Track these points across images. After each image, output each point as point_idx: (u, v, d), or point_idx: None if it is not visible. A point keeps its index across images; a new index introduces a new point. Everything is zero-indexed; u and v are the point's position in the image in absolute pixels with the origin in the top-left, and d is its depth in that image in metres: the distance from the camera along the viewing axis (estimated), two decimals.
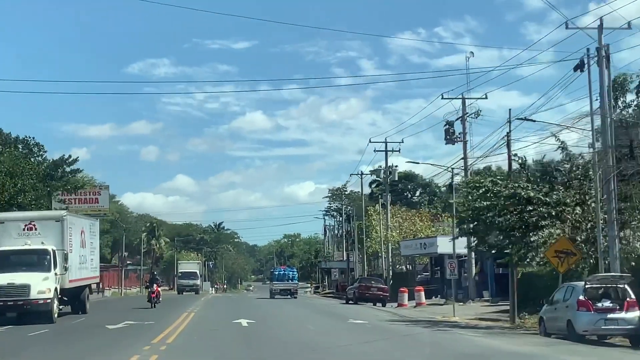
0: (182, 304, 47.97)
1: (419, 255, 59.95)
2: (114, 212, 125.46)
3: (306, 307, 48.64)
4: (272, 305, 49.77)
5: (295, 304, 54.42)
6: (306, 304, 54.80)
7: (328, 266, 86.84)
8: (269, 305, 50.95)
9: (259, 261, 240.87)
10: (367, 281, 56.03)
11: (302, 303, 56.10)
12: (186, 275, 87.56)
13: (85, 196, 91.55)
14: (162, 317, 34.54)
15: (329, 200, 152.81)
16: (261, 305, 50.83)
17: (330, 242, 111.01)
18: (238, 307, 46.51)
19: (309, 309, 45.00)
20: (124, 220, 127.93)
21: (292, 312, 41.09)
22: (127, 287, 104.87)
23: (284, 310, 42.47)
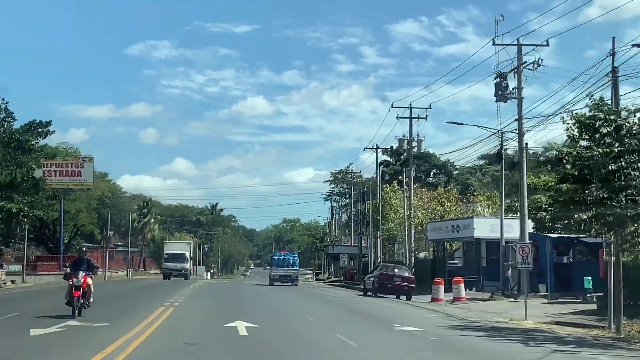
0: (162, 294, 37.41)
1: (450, 239, 49.31)
2: (105, 191, 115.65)
3: (320, 300, 38.09)
4: (275, 296, 39.32)
5: (303, 294, 43.98)
6: (317, 295, 44.23)
7: (336, 251, 76.23)
8: (272, 295, 40.53)
9: (256, 246, 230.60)
10: (389, 269, 45.49)
11: (311, 294, 45.56)
12: (173, 257, 73.85)
13: (67, 168, 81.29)
14: (123, 313, 24.05)
15: (331, 184, 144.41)
16: (262, 295, 40.43)
17: (336, 226, 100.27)
18: (233, 298, 36.03)
19: (326, 304, 34.39)
20: (117, 200, 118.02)
21: (305, 307, 30.49)
22: (114, 270, 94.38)
23: (295, 306, 31.85)
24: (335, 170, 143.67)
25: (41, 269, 76.74)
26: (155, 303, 28.90)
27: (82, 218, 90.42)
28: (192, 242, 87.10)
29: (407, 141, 54.83)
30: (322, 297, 40.73)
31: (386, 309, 30.75)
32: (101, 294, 39.63)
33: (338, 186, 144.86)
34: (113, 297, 35.68)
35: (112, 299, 33.41)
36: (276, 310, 28.01)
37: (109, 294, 38.70)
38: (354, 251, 73.80)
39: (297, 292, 47.38)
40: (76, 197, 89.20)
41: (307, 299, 37.84)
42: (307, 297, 40.69)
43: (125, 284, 56.79)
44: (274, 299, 36.31)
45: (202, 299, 34.22)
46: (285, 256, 68.97)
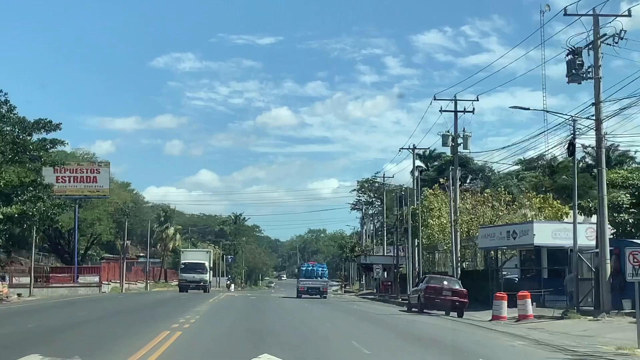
0: (173, 311, 30.91)
1: (505, 247, 42.39)
2: (127, 200, 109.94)
3: (362, 319, 31.15)
4: (308, 314, 32.74)
5: (339, 310, 37.36)
6: (356, 312, 37.43)
7: (369, 261, 69.35)
8: (304, 312, 33.97)
9: (281, 256, 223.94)
10: (438, 281, 38.75)
11: (348, 310, 38.85)
12: (191, 267, 64.12)
13: (82, 174, 75.39)
14: (111, 340, 17.55)
15: (358, 192, 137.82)
16: (292, 312, 33.90)
17: (365, 235, 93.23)
18: (258, 317, 29.38)
19: (373, 325, 27.48)
20: (139, 210, 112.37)
21: (349, 330, 23.81)
22: (132, 282, 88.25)
23: (335, 327, 25.05)
24: (362, 179, 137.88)
25: (54, 280, 71.11)
26: (160, 325, 22.47)
27: (99, 227, 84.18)
28: (212, 251, 79.23)
29: (451, 137, 48.06)
30: (363, 315, 33.94)
31: (450, 333, 23.94)
32: (100, 310, 33.28)
33: (365, 195, 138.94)
34: (112, 314, 29.35)
35: (108, 318, 27.05)
36: (314, 336, 21.36)
37: (110, 310, 32.35)
38: (389, 261, 66.99)
39: (331, 307, 40.76)
40: (93, 205, 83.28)
41: (347, 318, 31.16)
42: (345, 314, 33.98)
43: (137, 297, 50.48)
44: (307, 318, 29.70)
45: (219, 319, 27.59)
46: (314, 267, 63.43)
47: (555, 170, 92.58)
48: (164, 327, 21.28)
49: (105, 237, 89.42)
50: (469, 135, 48.25)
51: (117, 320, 26.55)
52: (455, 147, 48.27)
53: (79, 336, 19.24)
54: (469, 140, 48.38)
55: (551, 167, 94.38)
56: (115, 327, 22.55)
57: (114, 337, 18.95)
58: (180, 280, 65.56)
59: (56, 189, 73.10)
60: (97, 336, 19.33)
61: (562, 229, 39.64)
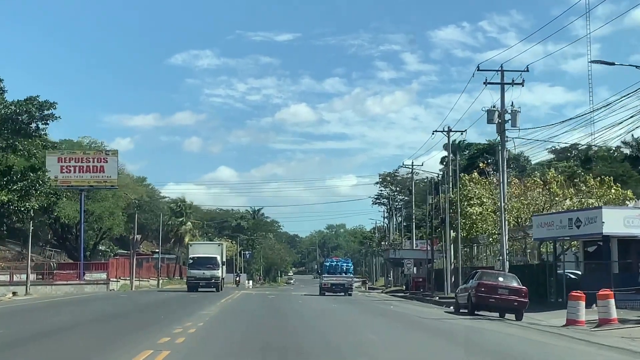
0: (173, 315, 24.53)
1: (567, 237, 35.52)
2: (143, 195, 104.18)
3: (409, 326, 24.28)
4: (339, 318, 26.28)
5: (375, 313, 30.78)
6: (396, 315, 30.75)
7: (398, 256, 62.38)
8: (333, 315, 27.54)
9: (300, 253, 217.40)
10: (492, 277, 32.16)
11: (386, 313, 32.25)
12: (200, 262, 54.70)
13: (88, 163, 69.06)
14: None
15: (379, 187, 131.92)
16: (319, 315, 27.48)
17: (392, 229, 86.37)
18: (279, 324, 22.85)
19: (428, 335, 20.79)
20: (155, 206, 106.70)
21: (398, 341, 17.30)
22: (144, 279, 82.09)
23: (381, 338, 18.41)
24: (384, 172, 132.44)
25: (58, 277, 65.28)
26: (149, 336, 16.16)
27: (109, 220, 77.83)
28: (225, 244, 70.23)
29: (497, 112, 41.34)
30: (406, 320, 27.22)
31: (540, 348, 17.35)
32: (87, 313, 26.93)
33: (387, 188, 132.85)
34: (96, 320, 23.26)
35: (88, 325, 21.04)
36: (355, 352, 14.80)
37: (98, 314, 26.09)
38: (420, 256, 60.28)
39: (363, 308, 34.27)
40: (103, 197, 77.14)
41: (390, 324, 24.57)
42: (385, 319, 27.38)
43: (141, 296, 44.15)
44: (340, 325, 23.20)
45: (227, 328, 21.08)
46: (338, 262, 57.84)
47: (590, 158, 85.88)
48: (152, 342, 14.93)
49: (117, 231, 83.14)
50: (517, 110, 41.46)
51: (97, 329, 20.22)
52: (502, 124, 41.53)
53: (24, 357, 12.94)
54: (518, 117, 41.51)
55: (586, 156, 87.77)
56: (88, 340, 16.33)
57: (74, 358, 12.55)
58: (188, 277, 56.35)
59: (61, 180, 67.81)
60: (50, 357, 13.00)
61: (636, 216, 33.03)
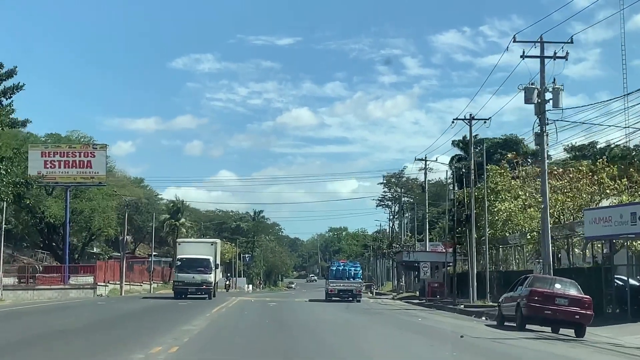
0: (148, 332, 18.03)
1: (632, 235, 28.84)
2: (141, 196, 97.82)
3: (459, 348, 17.72)
4: (361, 337, 19.75)
5: (403, 329, 24.18)
6: (428, 331, 24.03)
7: (413, 259, 55.28)
8: (352, 332, 21.04)
9: (301, 256, 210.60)
10: (546, 284, 25.70)
11: (412, 326, 25.66)
12: (189, 264, 45.24)
13: (74, 158, 62.68)
14: None
15: (383, 188, 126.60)
16: (334, 331, 20.94)
17: (403, 230, 79.45)
18: (282, 345, 16.22)
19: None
20: (153, 208, 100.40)
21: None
22: (136, 283, 75.51)
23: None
24: (388, 174, 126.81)
25: (41, 282, 58.92)
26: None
27: (98, 221, 71.28)
28: (220, 243, 58.09)
29: (537, 90, 34.79)
30: (451, 339, 20.37)
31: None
32: (35, 327, 20.49)
33: (392, 189, 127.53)
34: (33, 341, 16.52)
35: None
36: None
37: (44, 330, 19.51)
38: (439, 259, 53.52)
39: (384, 321, 27.72)
40: (91, 196, 70.65)
41: (435, 347, 17.86)
42: (423, 338, 20.62)
43: (121, 304, 37.42)
44: (363, 345, 16.66)
45: (214, 354, 14.46)
46: (345, 266, 52.32)
47: (614, 156, 79.44)
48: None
49: (108, 233, 76.59)
50: (560, 88, 34.89)
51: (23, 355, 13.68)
52: (542, 104, 34.94)
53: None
54: (560, 95, 34.93)
55: (610, 154, 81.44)
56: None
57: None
58: (175, 282, 46.40)
59: (45, 175, 61.66)
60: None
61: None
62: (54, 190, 67.28)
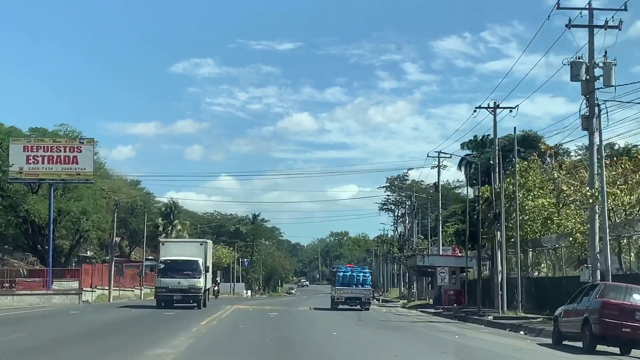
0: None
1: None
2: (136, 198, 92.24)
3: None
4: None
5: (446, 352, 18.45)
6: (467, 352, 18.39)
7: (428, 263, 49.04)
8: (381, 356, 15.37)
9: (301, 261, 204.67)
10: (622, 294, 20.01)
11: (445, 346, 19.89)
12: (174, 267, 38.36)
13: (59, 153, 57.11)
14: None
15: (387, 191, 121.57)
16: (357, 355, 15.27)
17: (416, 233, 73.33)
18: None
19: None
20: (149, 210, 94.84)
21: None
22: (128, 288, 69.89)
23: None
24: (392, 177, 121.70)
25: (22, 286, 53.80)
26: None
27: (86, 222, 65.53)
28: (210, 244, 48.37)
29: (585, 66, 29.27)
30: None
31: None
32: None
33: (395, 193, 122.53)
34: None
35: None
36: None
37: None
38: (458, 264, 47.69)
39: (418, 340, 22.01)
40: (79, 195, 64.87)
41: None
42: None
43: (94, 314, 31.71)
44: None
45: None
46: (353, 271, 47.52)
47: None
48: None
49: (96, 234, 70.86)
50: (612, 63, 29.33)
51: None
52: (592, 80, 29.35)
53: None
54: (612, 71, 29.41)
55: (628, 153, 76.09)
56: None
57: None
58: (157, 289, 39.20)
59: (27, 172, 56.25)
60: None
61: None
62: (39, 188, 61.78)
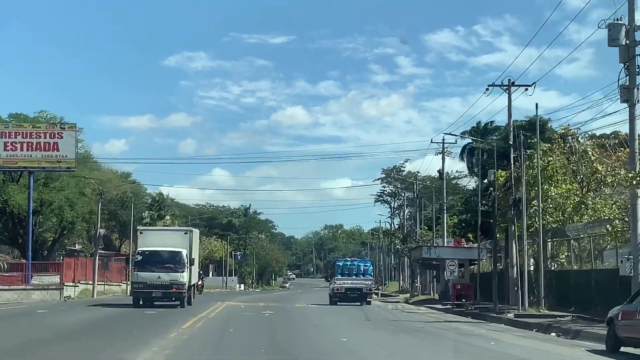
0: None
1: None
2: (127, 191, 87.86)
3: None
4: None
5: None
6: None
7: (436, 255, 44.53)
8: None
9: (295, 254, 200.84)
10: None
11: (482, 355, 15.93)
12: (153, 259, 33.31)
13: (38, 139, 53.07)
14: None
15: (382, 183, 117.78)
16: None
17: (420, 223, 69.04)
18: None
19: None
20: (139, 202, 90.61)
21: None
22: (115, 282, 65.83)
23: None
24: (388, 168, 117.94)
25: (0, 281, 49.92)
26: None
27: (69, 213, 61.33)
28: (197, 233, 40.39)
29: (624, 28, 25.34)
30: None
31: None
32: None
33: (391, 185, 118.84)
34: None
35: None
36: None
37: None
38: (466, 255, 43.71)
39: (446, 349, 17.96)
40: (65, 186, 60.65)
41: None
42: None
43: (66, 314, 27.74)
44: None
45: None
46: (353, 262, 44.78)
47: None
48: None
49: (80, 227, 66.79)
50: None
51: None
52: (632, 45, 25.39)
53: None
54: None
55: None
56: None
57: None
58: (134, 284, 34.07)
59: (5, 159, 52.20)
60: None
61: None
62: (20, 177, 57.73)
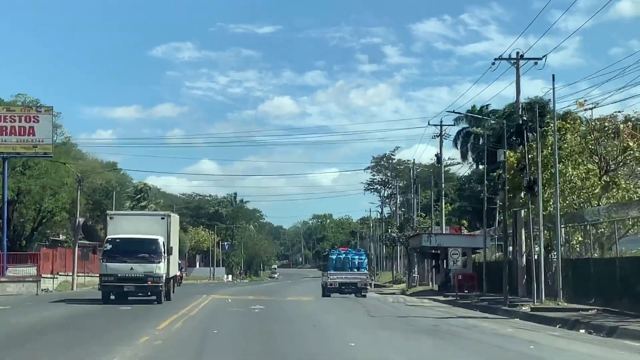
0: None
1: None
2: (111, 181, 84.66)
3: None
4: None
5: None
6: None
7: (437, 243, 41.44)
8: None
9: (283, 245, 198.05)
10: None
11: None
12: (124, 247, 28.62)
13: (12, 123, 49.69)
14: None
15: (372, 171, 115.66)
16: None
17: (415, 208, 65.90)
18: None
19: None
20: (125, 192, 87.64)
21: None
22: (96, 274, 62.37)
23: None
24: (378, 156, 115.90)
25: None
26: None
27: (48, 202, 58.30)
28: (176, 219, 34.89)
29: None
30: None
31: None
32: None
33: (381, 174, 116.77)
34: None
35: None
36: None
37: None
38: (470, 244, 40.74)
39: (475, 349, 14.91)
40: (41, 173, 57.31)
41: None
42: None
43: (34, 310, 24.40)
44: None
45: None
46: (348, 254, 42.58)
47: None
48: None
49: (61, 216, 63.46)
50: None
51: None
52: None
53: None
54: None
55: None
56: None
57: None
58: (102, 277, 29.37)
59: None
60: None
61: None
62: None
